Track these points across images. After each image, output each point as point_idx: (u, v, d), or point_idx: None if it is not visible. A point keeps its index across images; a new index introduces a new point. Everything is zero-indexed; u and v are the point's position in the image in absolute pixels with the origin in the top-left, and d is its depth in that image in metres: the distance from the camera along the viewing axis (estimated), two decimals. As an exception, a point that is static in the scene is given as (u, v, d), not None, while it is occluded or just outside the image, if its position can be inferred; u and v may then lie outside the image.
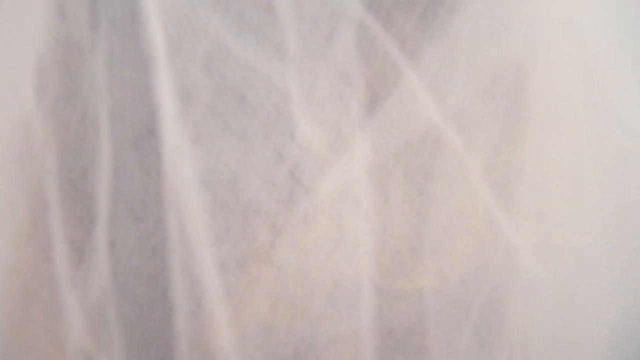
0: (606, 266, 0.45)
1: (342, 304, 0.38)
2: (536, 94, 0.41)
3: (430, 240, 0.40)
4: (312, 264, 0.38)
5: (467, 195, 0.40)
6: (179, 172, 0.36)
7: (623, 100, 0.45)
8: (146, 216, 0.37)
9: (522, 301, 0.41)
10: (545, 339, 0.42)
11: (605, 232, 0.45)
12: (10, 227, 0.38)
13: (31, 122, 0.37)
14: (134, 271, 0.37)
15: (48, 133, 0.37)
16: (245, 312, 0.38)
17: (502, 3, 0.40)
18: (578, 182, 0.43)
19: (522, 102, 0.41)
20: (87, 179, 0.38)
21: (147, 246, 0.37)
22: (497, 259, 0.41)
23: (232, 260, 0.37)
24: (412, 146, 0.39)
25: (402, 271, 0.40)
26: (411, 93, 0.39)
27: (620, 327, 0.45)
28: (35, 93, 0.37)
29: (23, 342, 0.38)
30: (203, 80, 0.37)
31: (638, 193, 0.46)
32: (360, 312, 0.39)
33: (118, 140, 0.37)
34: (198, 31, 0.36)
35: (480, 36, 0.39)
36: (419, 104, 0.39)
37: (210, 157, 0.37)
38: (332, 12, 0.37)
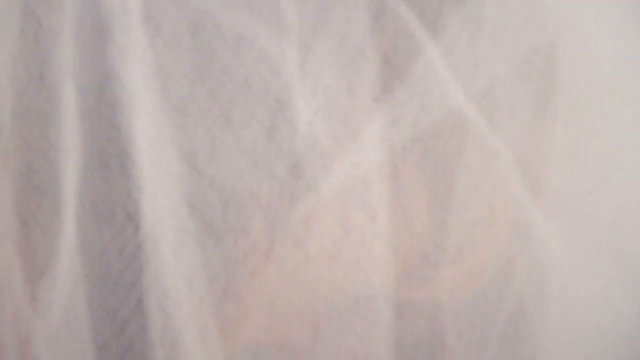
0: None
1: (349, 316, 0.37)
2: (569, 73, 0.40)
3: (449, 244, 0.38)
4: (315, 268, 0.37)
5: (494, 191, 0.39)
6: (158, 165, 0.35)
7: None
8: (116, 216, 0.35)
9: (553, 313, 0.40)
10: (576, 356, 0.41)
11: None
12: None
13: None
14: (104, 276, 0.36)
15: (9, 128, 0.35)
16: (238, 321, 0.36)
17: None
18: (618, 170, 0.42)
19: (555, 82, 0.40)
20: (51, 178, 0.36)
21: (117, 248, 0.35)
22: (525, 265, 0.40)
23: (226, 261, 0.36)
24: (430, 136, 0.37)
25: (416, 279, 0.38)
26: (431, 73, 0.37)
27: None
28: None
29: None
30: (192, 64, 0.35)
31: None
32: (369, 324, 0.37)
33: (88, 135, 0.35)
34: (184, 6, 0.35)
35: (510, 6, 0.38)
36: (440, 86, 0.37)
37: (203, 147, 0.35)
38: None
